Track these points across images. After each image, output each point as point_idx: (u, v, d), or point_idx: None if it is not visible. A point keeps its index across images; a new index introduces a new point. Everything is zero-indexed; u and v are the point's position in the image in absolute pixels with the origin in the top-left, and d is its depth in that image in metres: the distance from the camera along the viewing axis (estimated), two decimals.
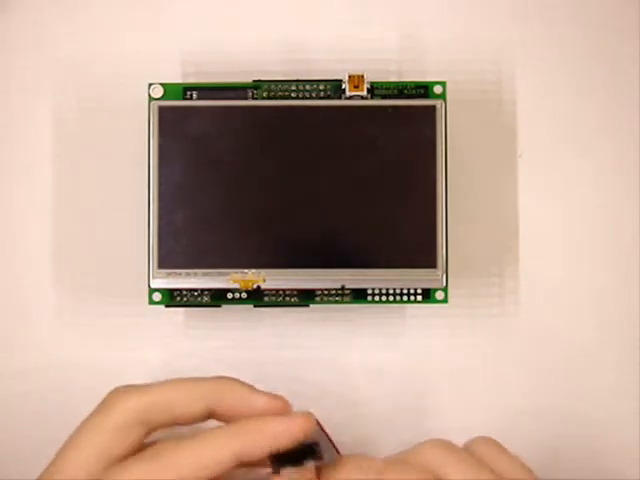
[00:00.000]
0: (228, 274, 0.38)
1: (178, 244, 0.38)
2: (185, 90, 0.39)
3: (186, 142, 0.38)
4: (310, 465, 0.32)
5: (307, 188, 0.38)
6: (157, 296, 0.39)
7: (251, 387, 0.34)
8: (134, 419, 0.32)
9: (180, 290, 0.39)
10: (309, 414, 0.33)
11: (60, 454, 0.33)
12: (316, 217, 0.38)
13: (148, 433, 0.33)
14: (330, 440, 0.34)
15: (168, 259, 0.38)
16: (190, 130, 0.38)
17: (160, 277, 0.38)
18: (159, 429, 0.33)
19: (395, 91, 0.40)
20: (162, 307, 0.39)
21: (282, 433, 0.32)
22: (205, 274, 0.38)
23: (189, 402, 0.33)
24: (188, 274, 0.38)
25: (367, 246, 0.38)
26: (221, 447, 0.32)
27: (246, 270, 0.38)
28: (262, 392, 0.34)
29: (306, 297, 0.39)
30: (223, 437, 0.32)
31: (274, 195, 0.38)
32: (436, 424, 0.41)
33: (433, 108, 0.38)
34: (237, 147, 0.38)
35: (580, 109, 0.42)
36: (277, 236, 0.38)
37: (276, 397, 0.34)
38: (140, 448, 0.32)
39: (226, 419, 0.34)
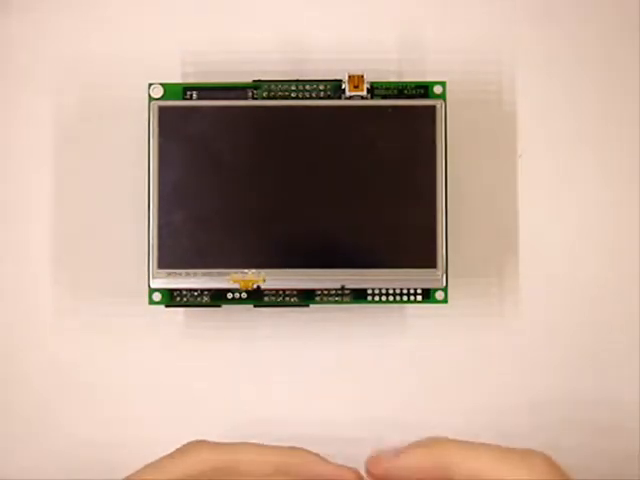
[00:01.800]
0: (228, 274, 0.38)
1: (178, 244, 0.38)
2: (185, 90, 0.39)
3: (186, 142, 0.38)
4: None
5: (307, 188, 0.38)
6: (157, 296, 0.39)
7: (320, 458, 0.34)
8: (203, 471, 0.33)
9: (180, 290, 0.39)
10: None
11: None
12: (316, 217, 0.38)
13: None
14: None
15: (168, 259, 0.38)
16: (190, 130, 0.38)
17: (160, 277, 0.38)
18: None
19: (395, 91, 0.40)
20: (162, 307, 0.39)
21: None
22: (205, 274, 0.38)
23: (259, 464, 0.33)
24: (188, 274, 0.38)
25: (367, 246, 0.38)
26: None
27: (246, 270, 0.38)
28: (331, 464, 0.34)
29: (306, 297, 0.39)
30: None
31: (274, 195, 0.38)
32: (436, 423, 0.41)
33: (433, 108, 0.38)
34: (237, 147, 0.38)
35: (580, 109, 0.42)
36: (277, 236, 0.38)
37: (344, 469, 0.34)
38: None
39: None
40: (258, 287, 0.38)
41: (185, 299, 0.39)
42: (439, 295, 0.39)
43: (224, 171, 0.38)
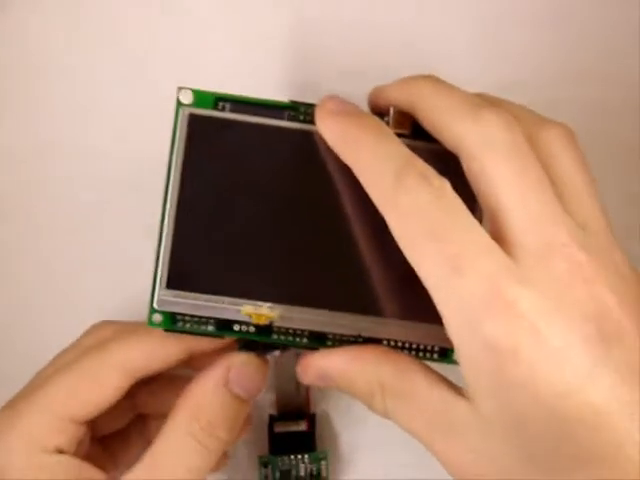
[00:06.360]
0: (240, 304, 0.35)
1: (189, 266, 0.35)
2: (217, 100, 0.36)
3: (214, 157, 0.35)
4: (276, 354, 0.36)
5: (341, 224, 0.35)
6: (157, 318, 0.36)
7: None
8: (123, 374, 0.35)
9: (184, 315, 0.36)
10: None
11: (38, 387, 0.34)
12: (350, 257, 0.35)
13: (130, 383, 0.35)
14: None
15: (177, 280, 0.35)
16: (221, 145, 0.35)
17: (166, 297, 0.35)
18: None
19: None
20: None
21: None
22: (215, 300, 0.35)
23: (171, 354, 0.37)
24: (196, 298, 0.35)
25: (387, 294, 0.36)
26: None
27: (260, 303, 0.35)
28: None
29: (317, 339, 0.36)
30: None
31: (302, 228, 0.35)
32: None
33: None
34: (269, 169, 0.35)
35: (580, 109, 0.42)
36: (301, 271, 0.35)
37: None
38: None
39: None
40: (270, 323, 0.35)
41: (188, 325, 0.36)
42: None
43: (251, 194, 0.35)
